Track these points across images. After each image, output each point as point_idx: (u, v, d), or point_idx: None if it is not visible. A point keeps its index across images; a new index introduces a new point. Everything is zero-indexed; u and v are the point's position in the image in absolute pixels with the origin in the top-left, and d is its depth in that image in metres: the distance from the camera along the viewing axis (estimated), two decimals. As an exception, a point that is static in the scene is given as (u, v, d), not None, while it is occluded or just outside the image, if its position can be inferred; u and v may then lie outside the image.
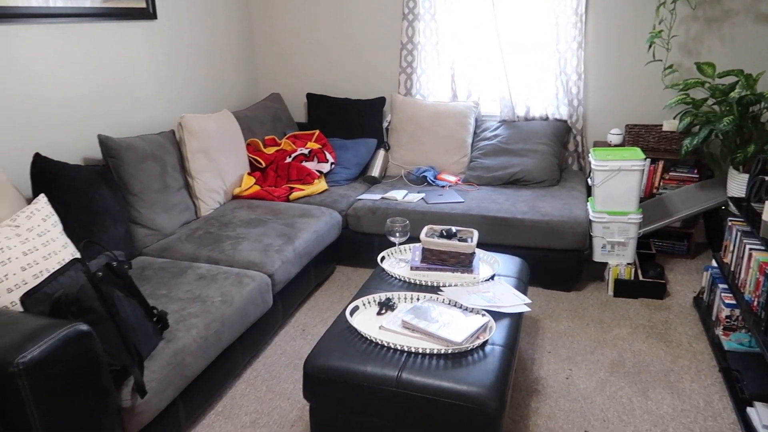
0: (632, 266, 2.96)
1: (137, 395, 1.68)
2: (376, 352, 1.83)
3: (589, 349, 2.52)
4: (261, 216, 2.98)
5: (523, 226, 2.97)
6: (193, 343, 1.95)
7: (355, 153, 3.70)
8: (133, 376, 1.67)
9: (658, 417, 2.09)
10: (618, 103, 3.60)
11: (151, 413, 1.74)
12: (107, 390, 1.58)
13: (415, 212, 3.14)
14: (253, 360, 2.48)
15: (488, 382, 1.69)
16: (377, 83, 4.04)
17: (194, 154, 3.01)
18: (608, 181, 2.93)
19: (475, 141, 3.71)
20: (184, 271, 2.38)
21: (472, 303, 2.07)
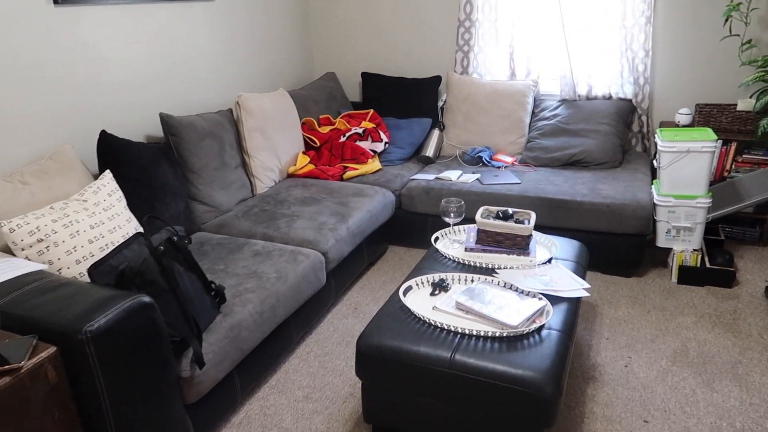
0: (699, 253, 2.82)
1: (196, 366, 1.72)
2: (429, 332, 1.81)
3: (650, 337, 2.43)
4: (315, 194, 3.00)
5: (582, 209, 2.87)
6: (249, 317, 1.98)
7: (410, 132, 3.66)
8: (192, 348, 1.72)
9: (724, 410, 2.00)
10: (688, 81, 3.41)
11: (208, 384, 1.79)
12: (167, 360, 1.63)
13: (470, 193, 3.08)
14: (306, 336, 2.52)
15: (544, 366, 1.65)
16: (433, 62, 3.97)
17: (251, 133, 3.05)
18: (676, 163, 2.79)
19: (533, 121, 3.61)
20: (240, 248, 2.43)
21: (528, 286, 2.02)
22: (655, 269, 2.99)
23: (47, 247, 1.84)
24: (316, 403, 2.10)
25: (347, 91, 4.26)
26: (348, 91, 4.26)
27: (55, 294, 1.54)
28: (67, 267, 1.87)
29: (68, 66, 2.40)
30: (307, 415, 2.04)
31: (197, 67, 3.13)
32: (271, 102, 3.23)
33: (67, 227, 1.90)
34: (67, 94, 2.41)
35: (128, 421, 1.51)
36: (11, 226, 1.81)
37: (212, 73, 3.25)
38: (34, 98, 2.27)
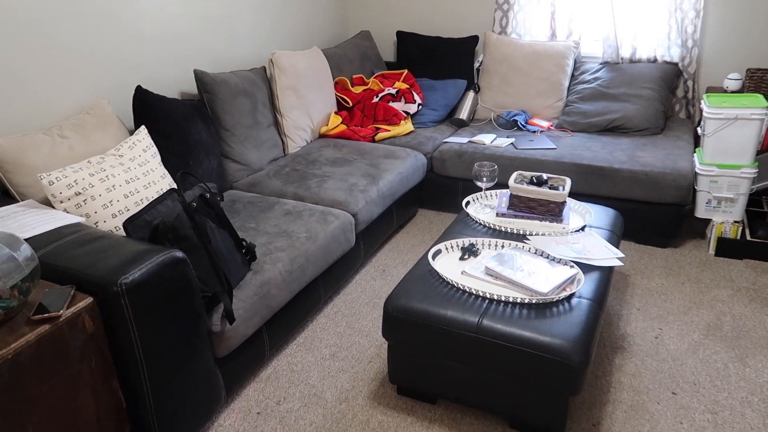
0: (739, 225, 2.73)
1: (226, 321, 1.76)
2: (458, 296, 1.81)
3: (683, 309, 2.38)
4: (346, 155, 2.99)
5: (619, 177, 2.79)
6: (278, 276, 2.01)
7: (444, 94, 3.59)
8: (222, 303, 1.75)
9: (756, 385, 1.96)
10: (740, 44, 3.24)
11: (238, 339, 1.83)
12: (199, 314, 1.66)
13: (504, 157, 3.03)
14: (334, 296, 2.55)
15: (573, 335, 1.64)
16: (471, 21, 3.86)
17: (284, 91, 3.03)
18: (721, 130, 2.67)
19: (572, 84, 3.49)
20: (271, 206, 2.44)
21: (560, 253, 1.99)
22: (692, 240, 2.92)
23: (85, 200, 1.88)
24: (343, 362, 2.13)
25: (382, 50, 4.19)
26: (382, 50, 4.19)
27: (92, 246, 1.58)
28: (104, 221, 1.91)
29: (107, 17, 2.41)
30: (333, 373, 2.08)
31: (232, 23, 3.10)
32: (304, 60, 3.19)
33: (104, 181, 1.94)
34: (105, 46, 2.42)
35: (161, 371, 1.56)
36: (50, 179, 1.85)
37: (247, 29, 3.22)
38: (72, 50, 2.29)
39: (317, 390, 2.00)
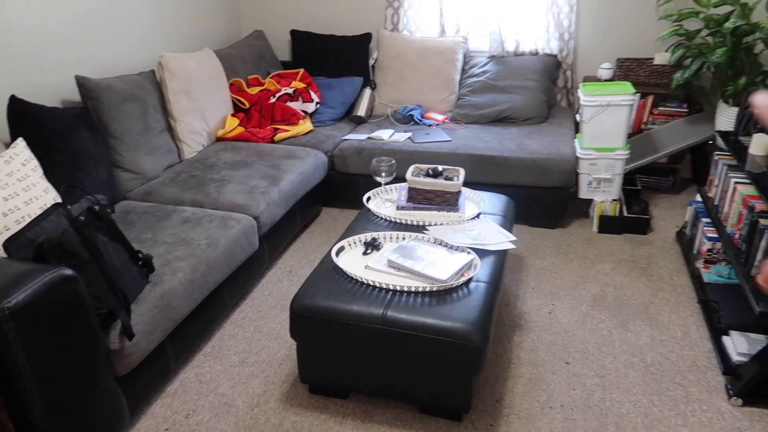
0: (617, 202, 2.98)
1: (125, 338, 1.70)
2: (362, 291, 1.85)
3: (572, 284, 2.57)
4: (245, 158, 2.95)
5: (509, 165, 2.95)
6: (179, 285, 1.96)
7: (341, 92, 3.62)
8: (120, 319, 1.69)
9: (636, 347, 2.16)
10: (610, 36, 3.52)
11: (139, 355, 1.77)
12: (95, 333, 1.60)
13: (402, 152, 3.11)
14: (241, 302, 2.52)
15: (472, 317, 1.73)
16: (364, 19, 3.92)
17: (175, 95, 2.94)
18: (597, 116, 2.90)
19: (463, 78, 3.64)
20: (168, 215, 2.37)
21: (457, 241, 2.08)
22: (577, 220, 3.14)
23: (-45, 222, 1.74)
24: (253, 367, 2.12)
25: (276, 50, 4.15)
26: (277, 50, 4.15)
27: (-33, 272, 1.47)
28: (-20, 243, 1.78)
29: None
30: (244, 380, 2.06)
31: (115, 26, 2.96)
32: (196, 62, 3.11)
33: (-23, 201, 1.80)
34: (-34, 57, 2.24)
35: (56, 397, 1.49)
36: None
37: (132, 32, 3.08)
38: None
39: (228, 398, 1.98)
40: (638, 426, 1.81)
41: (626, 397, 1.93)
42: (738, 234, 2.20)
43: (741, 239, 2.16)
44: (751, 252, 2.03)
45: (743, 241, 2.13)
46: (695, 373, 2.02)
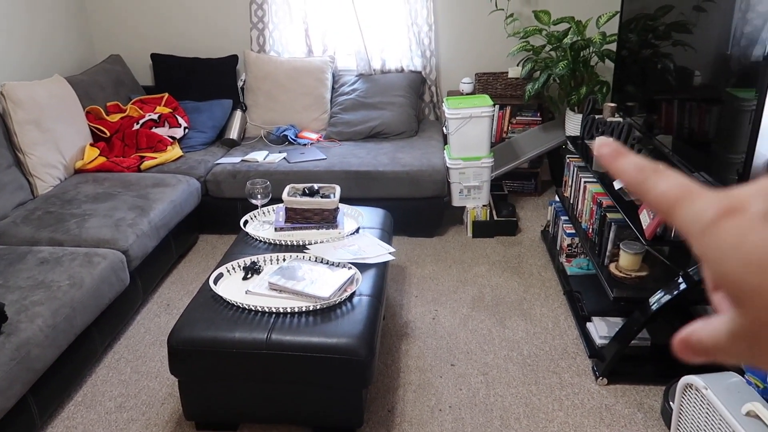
0: (487, 207, 3.16)
1: (-25, 397, 1.52)
2: (244, 317, 1.80)
3: (452, 288, 2.68)
4: (109, 189, 2.77)
5: (385, 178, 3.03)
6: (39, 333, 1.79)
7: (210, 115, 3.53)
8: (-33, 378, 1.51)
9: (513, 342, 2.29)
10: (468, 52, 3.74)
11: (-5, 414, 1.59)
12: (-64, 397, 1.41)
13: (278, 172, 3.08)
14: (114, 342, 2.35)
15: (357, 331, 1.74)
16: (228, 40, 3.85)
17: (23, 127, 2.70)
18: (461, 128, 3.06)
19: (333, 96, 3.69)
20: (22, 257, 2.16)
21: (338, 257, 2.10)
22: (453, 227, 3.29)
23: None
24: (132, 411, 1.98)
25: (137, 74, 3.96)
26: (138, 74, 3.96)
27: None
28: None
29: None
30: (122, 426, 1.92)
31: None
32: (45, 90, 2.88)
33: None
34: None
35: None
36: None
37: (-37, 60, 2.79)
38: None
39: (105, 448, 1.83)
40: (520, 416, 1.92)
41: (508, 390, 2.04)
42: (591, 228, 2.42)
43: (594, 233, 2.37)
44: (602, 243, 2.24)
45: (596, 234, 2.34)
46: (566, 359, 2.19)
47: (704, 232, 0.26)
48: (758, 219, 0.24)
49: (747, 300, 0.24)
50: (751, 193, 0.25)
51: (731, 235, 0.24)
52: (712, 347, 0.27)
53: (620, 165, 0.30)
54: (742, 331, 0.25)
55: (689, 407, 1.54)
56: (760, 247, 0.23)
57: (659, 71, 2.49)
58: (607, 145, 0.31)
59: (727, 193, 0.26)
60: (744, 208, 0.25)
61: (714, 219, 0.25)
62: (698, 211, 0.26)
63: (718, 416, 1.39)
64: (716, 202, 0.26)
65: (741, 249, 0.24)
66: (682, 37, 2.26)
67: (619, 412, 1.93)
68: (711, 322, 0.27)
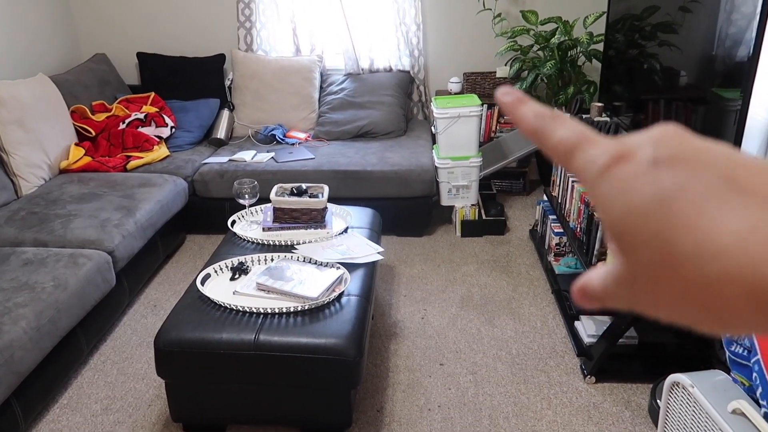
0: (476, 207, 3.17)
1: (-43, 401, 1.50)
2: (232, 318, 1.79)
3: (441, 288, 2.68)
4: (95, 189, 2.74)
5: (373, 178, 3.03)
6: (23, 335, 1.76)
7: (197, 115, 3.50)
8: (-51, 382, 1.48)
9: (502, 341, 2.30)
10: (456, 52, 3.75)
11: (-22, 418, 1.57)
12: None
13: (266, 172, 3.07)
14: (100, 344, 2.32)
15: (345, 332, 1.74)
16: (215, 39, 3.82)
17: (6, 126, 2.67)
18: (450, 128, 3.07)
19: (322, 96, 3.68)
20: (5, 258, 2.13)
21: (326, 257, 2.09)
22: (442, 226, 3.29)
23: None
24: (118, 414, 1.96)
25: (122, 73, 3.92)
26: (123, 73, 3.92)
27: None
28: None
29: None
30: (108, 428, 1.90)
31: None
32: (28, 90, 2.85)
33: None
34: None
35: None
36: None
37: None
38: None
39: (91, 451, 1.81)
40: (509, 415, 1.93)
41: (497, 389, 2.04)
42: (579, 227, 2.43)
43: (582, 232, 2.38)
44: (590, 242, 2.25)
45: (583, 233, 2.35)
46: (555, 358, 2.19)
47: (596, 178, 0.26)
48: (644, 165, 0.24)
49: (629, 247, 0.24)
50: (641, 140, 0.25)
51: (619, 182, 0.25)
52: (601, 293, 0.27)
53: (520, 112, 0.30)
54: (624, 276, 0.25)
55: (676, 405, 1.55)
56: (642, 192, 0.24)
57: (646, 71, 2.51)
58: (509, 93, 0.31)
59: (620, 140, 0.26)
60: (633, 154, 0.25)
61: (605, 165, 0.25)
62: (592, 157, 0.26)
63: (705, 414, 1.40)
64: (609, 149, 0.26)
65: (626, 195, 0.24)
66: (668, 37, 2.28)
67: (606, 410, 1.94)
68: (600, 269, 0.28)
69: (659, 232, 0.23)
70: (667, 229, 0.23)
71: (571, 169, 0.28)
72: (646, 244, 0.24)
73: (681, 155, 0.24)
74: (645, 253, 0.24)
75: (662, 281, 0.24)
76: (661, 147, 0.24)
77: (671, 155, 0.24)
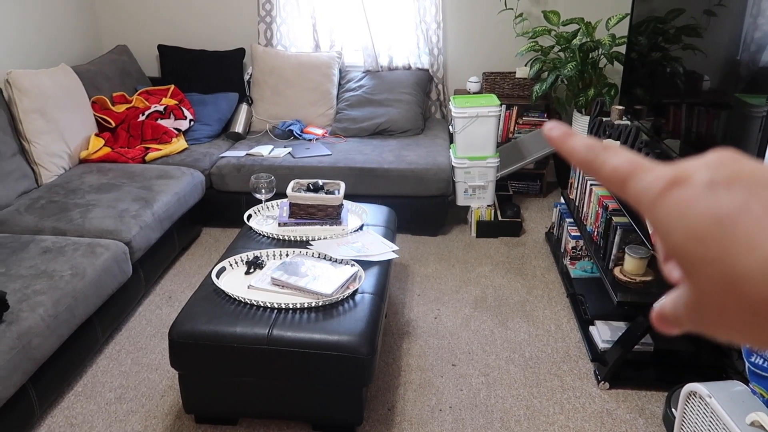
0: (492, 208, 3.15)
1: (-25, 386, 1.52)
2: (246, 312, 1.79)
3: (455, 288, 2.67)
4: (113, 180, 2.76)
5: (389, 176, 3.02)
6: (40, 322, 1.78)
7: (216, 108, 3.52)
8: (-32, 366, 1.50)
9: (515, 344, 2.28)
10: (476, 51, 3.73)
11: (-5, 403, 1.59)
12: (-64, 384, 1.41)
13: (282, 167, 3.07)
14: (115, 333, 2.34)
15: (358, 329, 1.73)
16: (235, 34, 3.84)
17: (28, 115, 2.70)
18: (468, 127, 3.05)
19: (340, 92, 3.68)
20: (25, 246, 2.16)
21: (341, 254, 2.09)
22: (457, 226, 3.28)
23: None
24: (131, 403, 1.98)
25: (143, 65, 3.94)
26: (144, 65, 3.95)
27: None
28: None
29: None
30: (122, 417, 1.92)
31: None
32: (50, 79, 2.87)
33: None
34: None
35: None
36: None
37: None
38: None
39: (104, 439, 1.83)
40: (521, 418, 1.91)
41: (509, 392, 2.03)
42: (596, 231, 2.41)
43: (599, 236, 2.36)
44: (607, 247, 2.23)
45: (601, 237, 2.33)
46: (568, 362, 2.18)
47: (653, 203, 0.26)
48: (702, 188, 0.24)
49: (693, 270, 0.24)
50: (697, 165, 0.26)
51: (677, 206, 0.25)
52: (674, 318, 0.28)
53: (570, 145, 0.31)
54: (692, 300, 0.26)
55: (692, 415, 1.53)
56: (703, 216, 0.24)
57: (668, 75, 2.47)
58: (557, 128, 0.31)
59: (675, 165, 0.26)
60: (690, 178, 0.25)
61: (662, 190, 0.26)
62: (648, 183, 0.27)
63: (722, 425, 1.38)
64: (664, 175, 0.26)
65: (685, 219, 0.24)
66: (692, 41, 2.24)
67: (620, 417, 1.92)
68: (671, 294, 0.28)
69: (721, 254, 0.23)
70: (729, 250, 0.23)
71: (628, 197, 0.28)
72: (709, 267, 0.24)
73: (737, 177, 0.24)
74: (709, 276, 0.24)
75: (729, 304, 0.23)
76: (717, 170, 0.25)
77: (727, 177, 0.24)
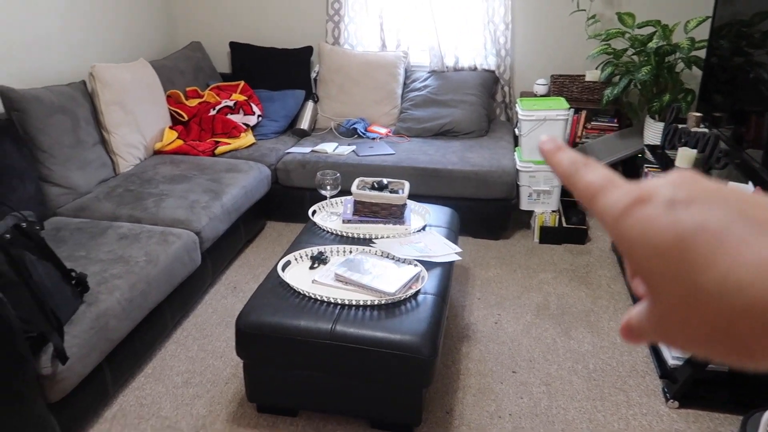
0: (556, 213, 3.08)
1: (58, 361, 1.60)
2: (309, 306, 1.82)
3: (516, 294, 2.62)
4: (185, 171, 2.86)
5: (453, 177, 3.00)
6: (116, 305, 1.87)
7: (283, 105, 3.59)
8: (52, 342, 1.59)
9: (579, 354, 2.22)
10: (544, 53, 3.65)
11: (74, 379, 1.67)
12: (24, 357, 1.49)
13: (346, 165, 3.10)
14: (183, 320, 2.42)
15: (421, 330, 1.73)
16: (304, 32, 3.90)
17: (108, 107, 2.83)
18: (534, 130, 2.99)
19: (405, 92, 3.68)
20: (103, 231, 2.26)
21: (404, 254, 2.09)
22: (519, 231, 3.22)
23: None
24: (197, 388, 2.04)
25: (215, 61, 4.07)
26: (216, 61, 4.07)
27: None
28: None
29: None
30: (188, 401, 1.98)
31: (44, 35, 2.82)
32: (130, 73, 3.00)
33: None
34: None
35: (-20, 429, 1.38)
36: None
37: (61, 41, 2.94)
38: None
39: (171, 421, 1.89)
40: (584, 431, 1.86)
41: (571, 403, 1.98)
42: (669, 242, 2.31)
43: (672, 247, 2.26)
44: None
45: (674, 248, 2.23)
46: (635, 377, 2.10)
47: (617, 220, 0.27)
48: (662, 207, 0.25)
49: (655, 285, 0.25)
50: (659, 184, 0.26)
51: (639, 223, 0.26)
52: (639, 331, 0.28)
53: (557, 158, 0.32)
54: (656, 314, 0.26)
55: (773, 440, 1.44)
56: (663, 234, 0.24)
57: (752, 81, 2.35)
58: (551, 142, 0.33)
59: (640, 184, 0.27)
60: (652, 197, 0.26)
61: (626, 208, 0.26)
62: (614, 200, 0.27)
63: (808, 453, 1.29)
64: (629, 192, 0.27)
65: (647, 237, 0.25)
66: (783, 46, 2.12)
67: (689, 437, 1.84)
68: (637, 307, 0.29)
69: (681, 271, 0.24)
70: (689, 267, 0.23)
71: (595, 212, 0.29)
72: (670, 284, 0.24)
73: (697, 196, 0.25)
74: (670, 292, 0.24)
75: (690, 319, 0.24)
76: (678, 189, 0.26)
77: (687, 196, 0.25)
